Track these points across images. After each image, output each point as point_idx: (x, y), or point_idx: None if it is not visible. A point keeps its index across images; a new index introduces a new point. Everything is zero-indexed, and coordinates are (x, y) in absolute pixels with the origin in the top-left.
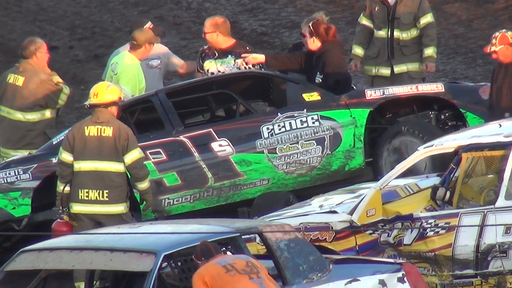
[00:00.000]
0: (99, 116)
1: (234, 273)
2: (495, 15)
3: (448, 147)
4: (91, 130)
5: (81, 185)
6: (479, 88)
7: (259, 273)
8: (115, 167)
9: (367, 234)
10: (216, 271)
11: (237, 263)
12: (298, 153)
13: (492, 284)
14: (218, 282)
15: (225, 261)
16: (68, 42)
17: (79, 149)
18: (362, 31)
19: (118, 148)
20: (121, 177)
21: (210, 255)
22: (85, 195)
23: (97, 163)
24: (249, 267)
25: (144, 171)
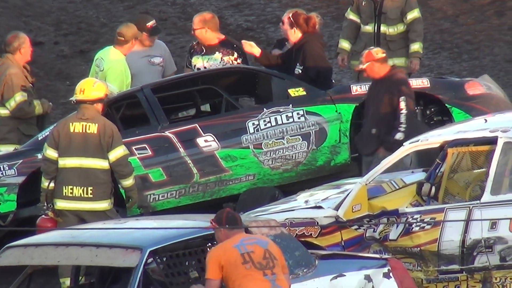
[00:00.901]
0: (84, 112)
1: (250, 266)
2: (481, 10)
3: (434, 143)
4: (76, 126)
5: (66, 181)
6: (464, 83)
7: (274, 268)
8: (99, 164)
9: (352, 230)
10: (233, 258)
11: (255, 251)
12: (284, 149)
13: (478, 279)
14: (232, 271)
15: (244, 248)
16: (54, 37)
17: (64, 145)
18: (349, 25)
19: (102, 145)
20: (106, 174)
21: (235, 223)
22: (69, 192)
23: (82, 159)
24: (265, 260)
25: (128, 168)
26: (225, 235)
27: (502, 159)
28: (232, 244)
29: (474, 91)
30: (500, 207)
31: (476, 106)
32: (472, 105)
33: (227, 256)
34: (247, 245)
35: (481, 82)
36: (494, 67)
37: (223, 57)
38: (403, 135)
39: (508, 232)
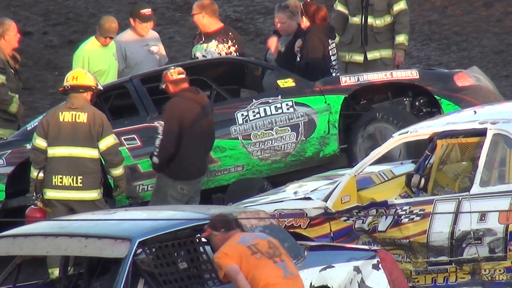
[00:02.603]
0: (73, 102)
1: (260, 255)
2: (469, 2)
3: (423, 134)
4: (66, 116)
5: (55, 171)
6: (453, 74)
7: (281, 255)
8: (89, 153)
9: (341, 221)
10: (242, 252)
11: (259, 243)
12: (273, 140)
13: (467, 271)
14: (243, 264)
15: (248, 242)
16: (42, 27)
17: (53, 135)
18: (337, 17)
19: (92, 134)
20: (95, 163)
21: (230, 227)
22: (59, 181)
23: (72, 149)
24: (271, 249)
25: (118, 157)
26: (222, 239)
27: (491, 151)
28: (236, 240)
29: (463, 83)
30: (489, 199)
31: (465, 97)
32: (461, 96)
33: (236, 251)
34: (250, 240)
35: (470, 74)
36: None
37: (219, 45)
38: (157, 160)
39: (497, 224)
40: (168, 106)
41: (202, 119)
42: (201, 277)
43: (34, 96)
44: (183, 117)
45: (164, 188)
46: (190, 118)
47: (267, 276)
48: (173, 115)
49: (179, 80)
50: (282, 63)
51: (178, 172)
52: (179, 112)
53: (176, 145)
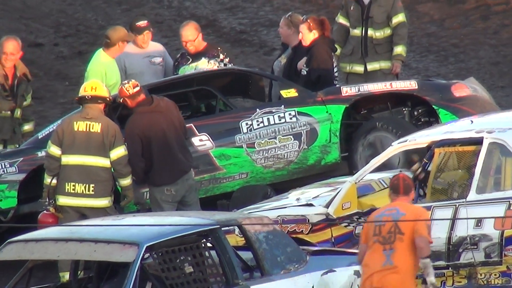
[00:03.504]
0: (88, 112)
1: (376, 239)
2: (466, 15)
3: (421, 143)
4: (80, 125)
5: (68, 178)
6: (451, 85)
7: (394, 243)
8: (101, 162)
9: (342, 227)
10: (370, 229)
11: (386, 225)
12: (276, 148)
13: (463, 275)
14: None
15: (380, 221)
16: (53, 39)
17: (68, 143)
18: (339, 29)
19: (105, 144)
20: (107, 172)
21: (396, 190)
22: (71, 188)
23: (85, 157)
24: (389, 234)
25: (127, 168)
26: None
27: (487, 159)
28: (376, 214)
29: (461, 93)
30: (485, 206)
31: (462, 107)
32: (458, 106)
33: (366, 228)
34: (383, 217)
35: (467, 84)
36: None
37: (210, 61)
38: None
39: (492, 229)
40: (127, 127)
41: (164, 125)
42: (207, 281)
43: (45, 106)
44: (144, 132)
45: (154, 196)
46: (152, 129)
47: (369, 260)
48: (133, 134)
49: (135, 94)
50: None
51: (159, 179)
52: (139, 129)
53: (145, 159)
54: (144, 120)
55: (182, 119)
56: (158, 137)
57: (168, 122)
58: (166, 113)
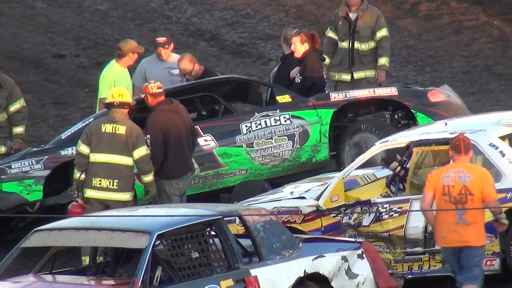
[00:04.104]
0: (115, 115)
1: (447, 198)
2: (441, 29)
3: (401, 143)
4: (107, 127)
5: (95, 174)
6: (427, 92)
7: (466, 203)
8: (125, 161)
9: (331, 217)
10: (438, 187)
11: (455, 186)
12: (272, 147)
13: (438, 260)
14: (436, 195)
15: (448, 181)
16: (74, 51)
17: (95, 143)
18: (329, 42)
19: (129, 144)
20: (130, 170)
21: (457, 149)
22: (98, 183)
23: (110, 156)
24: (460, 195)
25: (149, 166)
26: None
27: None
28: (443, 174)
29: (436, 99)
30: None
31: (437, 111)
32: (434, 110)
33: (435, 182)
34: (451, 178)
35: (442, 91)
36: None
37: None
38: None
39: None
40: (150, 120)
41: (180, 124)
42: (211, 265)
43: (67, 110)
44: (164, 127)
45: (163, 188)
46: (170, 126)
47: (442, 218)
48: (156, 127)
49: (157, 93)
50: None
51: (171, 172)
52: (160, 123)
53: (163, 152)
54: (165, 117)
55: (191, 122)
56: (174, 133)
57: (182, 122)
58: (181, 114)
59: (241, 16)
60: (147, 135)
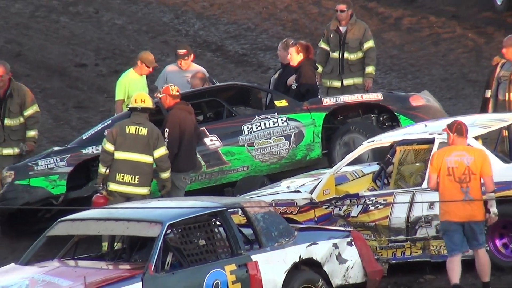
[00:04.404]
0: (137, 118)
1: (451, 178)
2: (421, 41)
3: (386, 142)
4: (131, 128)
5: (119, 170)
6: (409, 97)
7: (469, 182)
8: (145, 159)
9: (323, 209)
10: (443, 169)
11: (458, 167)
12: (271, 146)
13: (419, 247)
14: (440, 176)
15: (452, 162)
16: (94, 60)
17: (119, 142)
18: (321, 52)
19: (150, 144)
20: (149, 167)
21: (460, 132)
22: (121, 178)
23: (132, 154)
24: (464, 175)
25: (167, 164)
26: (453, 140)
27: None
28: (447, 157)
29: (417, 103)
30: (436, 192)
31: (418, 114)
32: (415, 113)
33: (438, 164)
34: (454, 160)
35: (422, 96)
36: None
37: None
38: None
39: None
40: (170, 116)
41: (192, 124)
42: (216, 252)
43: (88, 113)
44: (181, 123)
45: (172, 181)
46: (185, 124)
47: (449, 197)
48: (174, 123)
49: (176, 96)
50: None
51: (182, 166)
52: (178, 120)
53: (178, 146)
54: (182, 114)
55: (197, 125)
56: (188, 131)
57: (193, 122)
58: (193, 116)
59: (243, 29)
60: (165, 128)
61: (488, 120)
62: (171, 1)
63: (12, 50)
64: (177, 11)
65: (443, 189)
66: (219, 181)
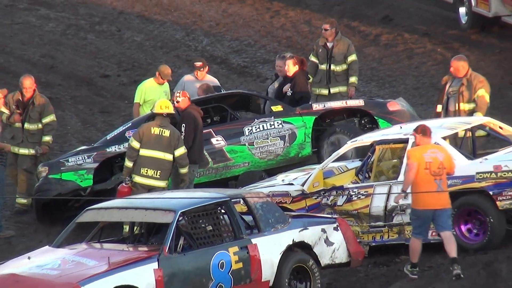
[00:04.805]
0: (161, 122)
1: (428, 171)
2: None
3: (367, 142)
4: (155, 130)
5: (143, 165)
6: (387, 103)
7: (442, 175)
8: (166, 157)
9: (313, 199)
10: (421, 162)
11: (434, 162)
12: (268, 145)
13: (396, 231)
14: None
15: (429, 158)
16: (117, 72)
17: (145, 141)
18: (311, 65)
19: (171, 144)
20: (169, 164)
21: (425, 133)
22: (145, 172)
23: (156, 152)
24: (439, 169)
25: (186, 161)
26: (419, 140)
27: None
28: (423, 153)
29: (393, 108)
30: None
31: (394, 118)
32: (392, 117)
33: (417, 158)
34: (430, 156)
35: (398, 102)
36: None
37: None
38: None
39: None
40: (186, 113)
41: (202, 122)
42: (221, 236)
43: (111, 117)
44: (195, 121)
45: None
46: (198, 121)
47: (424, 188)
48: (190, 117)
49: (189, 100)
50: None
51: (192, 158)
52: (194, 116)
53: (193, 139)
54: (196, 113)
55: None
56: (199, 127)
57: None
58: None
59: (244, 45)
60: (182, 124)
61: (455, 123)
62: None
63: (46, 63)
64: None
65: (420, 181)
66: (224, 175)
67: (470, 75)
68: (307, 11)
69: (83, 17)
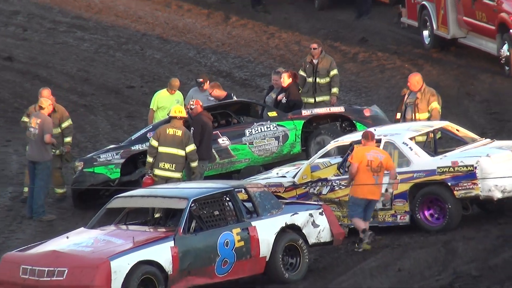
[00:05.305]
0: (176, 124)
1: (369, 168)
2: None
3: (347, 142)
4: (170, 131)
5: (161, 159)
6: (363, 109)
7: (380, 172)
8: (180, 152)
9: (302, 189)
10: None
11: (374, 161)
12: (265, 145)
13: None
14: (360, 167)
15: (371, 157)
16: (140, 83)
17: (162, 140)
18: (300, 78)
19: (183, 142)
20: (182, 158)
21: (367, 138)
22: (163, 166)
23: (171, 149)
24: (378, 167)
25: (196, 156)
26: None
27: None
28: (367, 153)
29: (369, 114)
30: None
31: (370, 122)
32: (367, 121)
33: (359, 158)
34: (372, 156)
35: (372, 109)
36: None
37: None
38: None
39: (390, 189)
40: (196, 120)
41: (211, 126)
42: (226, 219)
43: (136, 121)
44: (203, 125)
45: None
46: (206, 126)
47: (363, 181)
48: (198, 124)
49: (201, 107)
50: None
51: (202, 155)
52: (202, 122)
53: (199, 140)
54: (205, 118)
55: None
56: (207, 130)
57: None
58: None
59: (245, 61)
60: (191, 127)
61: (420, 126)
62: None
63: (82, 76)
64: (198, 48)
65: (362, 175)
66: (228, 169)
67: (424, 89)
68: (297, 33)
69: (112, 38)
